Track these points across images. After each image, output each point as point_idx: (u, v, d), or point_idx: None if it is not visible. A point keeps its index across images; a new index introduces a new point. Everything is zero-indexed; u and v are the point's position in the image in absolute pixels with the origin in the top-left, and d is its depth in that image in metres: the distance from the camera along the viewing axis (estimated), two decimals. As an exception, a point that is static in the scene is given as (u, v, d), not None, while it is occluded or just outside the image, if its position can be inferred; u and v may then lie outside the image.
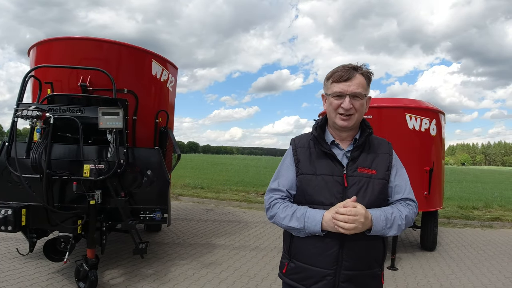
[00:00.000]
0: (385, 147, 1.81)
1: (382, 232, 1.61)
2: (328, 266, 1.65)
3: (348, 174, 1.69)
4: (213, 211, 9.64)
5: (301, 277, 1.72)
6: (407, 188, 1.76)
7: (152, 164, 4.62)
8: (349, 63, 1.75)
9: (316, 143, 1.77)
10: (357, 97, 1.68)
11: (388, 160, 1.76)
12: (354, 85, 1.67)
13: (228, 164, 35.39)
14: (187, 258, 5.39)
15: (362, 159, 1.73)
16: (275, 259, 5.65)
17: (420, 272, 5.38)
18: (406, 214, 1.68)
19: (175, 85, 5.78)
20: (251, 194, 13.17)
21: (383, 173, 1.72)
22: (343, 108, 1.68)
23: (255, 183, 16.87)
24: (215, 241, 6.52)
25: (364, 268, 1.68)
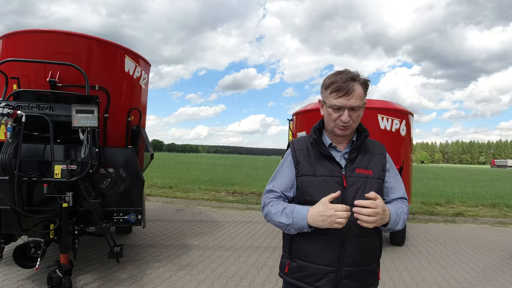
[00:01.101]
0: (379, 149, 1.89)
1: (393, 226, 1.68)
2: (330, 263, 1.70)
3: (346, 174, 1.75)
4: (184, 211, 9.46)
5: (303, 275, 1.76)
6: (402, 188, 1.87)
7: (125, 164, 4.46)
8: (345, 70, 1.76)
9: (315, 145, 1.82)
10: (355, 109, 1.72)
11: (383, 161, 1.84)
12: (353, 99, 1.69)
13: (196, 163, 35.03)
14: (162, 260, 5.24)
15: (359, 160, 1.79)
16: (251, 258, 5.62)
17: (392, 267, 5.53)
18: (406, 209, 1.79)
19: (147, 82, 5.59)
20: (221, 193, 13.07)
21: (379, 173, 1.80)
22: (342, 120, 1.71)
23: (224, 182, 16.79)
24: (189, 241, 6.40)
25: (364, 265, 1.74)
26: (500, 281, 4.96)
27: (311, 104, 7.07)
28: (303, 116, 6.91)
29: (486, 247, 6.86)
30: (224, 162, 41.58)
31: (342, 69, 1.78)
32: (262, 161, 56.29)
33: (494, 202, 11.50)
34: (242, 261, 5.47)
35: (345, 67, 1.81)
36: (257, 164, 41.49)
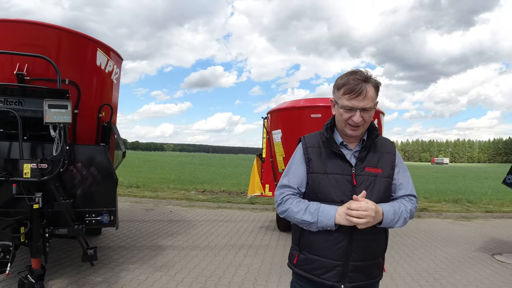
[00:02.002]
0: (389, 146, 1.90)
1: (391, 224, 1.73)
2: (338, 257, 1.76)
3: (356, 173, 1.78)
4: (154, 211, 9.22)
5: (312, 267, 1.81)
6: (410, 185, 1.88)
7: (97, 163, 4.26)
8: (357, 70, 1.77)
9: (327, 144, 1.84)
10: (367, 110, 1.74)
11: (392, 159, 1.86)
12: (366, 101, 1.71)
13: (162, 162, 34.33)
14: (136, 262, 5.06)
15: (369, 158, 1.83)
16: (228, 257, 5.55)
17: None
18: (410, 208, 1.81)
19: (119, 77, 5.37)
20: (191, 192, 12.89)
21: (388, 171, 1.83)
22: (353, 121, 1.74)
23: (193, 181, 16.58)
24: (162, 242, 6.23)
25: (370, 259, 1.81)
26: (469, 272, 5.19)
27: (286, 103, 7.09)
28: (278, 114, 6.91)
29: (452, 240, 7.17)
30: (191, 161, 41.05)
31: (354, 69, 1.79)
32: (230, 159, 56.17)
33: (456, 198, 12.07)
34: (219, 260, 5.39)
35: (311, 67, 1.88)
36: (225, 163, 41.34)
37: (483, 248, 6.56)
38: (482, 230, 8.17)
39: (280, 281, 4.68)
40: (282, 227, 7.63)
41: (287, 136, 6.62)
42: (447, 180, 22.33)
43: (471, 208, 10.81)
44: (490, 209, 10.52)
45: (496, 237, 7.47)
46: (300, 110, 6.46)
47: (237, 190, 14.07)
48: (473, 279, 4.91)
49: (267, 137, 7.34)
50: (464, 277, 4.99)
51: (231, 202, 11.13)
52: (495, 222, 9.27)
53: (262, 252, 5.98)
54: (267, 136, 7.33)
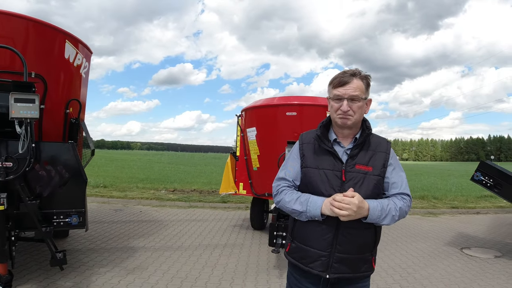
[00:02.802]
0: (383, 146, 1.95)
1: (377, 220, 1.79)
2: (324, 248, 1.84)
3: (346, 170, 1.85)
4: (123, 211, 8.92)
5: (300, 256, 1.92)
6: (403, 184, 1.92)
7: (65, 161, 4.04)
8: (349, 68, 1.91)
9: (319, 141, 1.93)
10: (355, 99, 1.82)
11: (385, 158, 1.91)
12: (351, 89, 1.82)
13: (130, 160, 33.41)
14: (107, 265, 4.83)
15: (360, 156, 1.89)
16: (203, 257, 5.43)
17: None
18: (400, 206, 1.84)
19: (88, 71, 5.11)
20: (161, 192, 12.61)
21: (379, 170, 1.88)
22: (341, 110, 1.84)
23: (162, 180, 16.22)
24: (134, 243, 6.01)
25: (355, 253, 1.85)
26: (440, 266, 5.36)
27: (261, 100, 7.03)
28: (253, 112, 6.84)
29: (421, 235, 7.39)
30: (159, 160, 40.23)
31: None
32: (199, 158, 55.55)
33: (423, 195, 12.49)
34: (193, 261, 5.26)
35: (280, 67, 1.88)
36: (195, 161, 40.82)
37: (451, 243, 6.80)
38: (449, 225, 8.48)
39: (257, 280, 4.62)
40: (256, 226, 7.59)
41: (262, 134, 6.57)
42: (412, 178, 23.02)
43: (437, 204, 11.22)
44: (455, 205, 10.96)
45: (463, 232, 7.78)
46: (275, 108, 6.42)
47: (208, 189, 13.90)
48: (445, 273, 5.06)
49: (241, 135, 7.25)
50: (436, 271, 5.14)
51: (203, 201, 10.98)
52: (461, 218, 9.67)
53: (237, 251, 5.91)
54: (241, 134, 7.25)
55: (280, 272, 4.97)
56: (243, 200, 10.97)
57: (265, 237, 6.91)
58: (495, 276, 4.95)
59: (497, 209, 10.70)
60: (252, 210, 7.63)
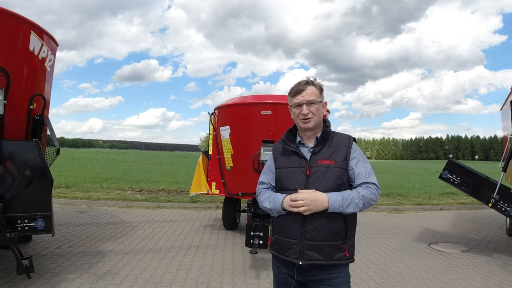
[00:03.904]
0: (345, 141, 2.14)
1: (340, 209, 1.96)
2: (294, 236, 2.03)
3: (310, 165, 2.07)
4: (88, 213, 8.53)
5: (278, 247, 2.13)
6: (367, 174, 2.09)
7: (30, 161, 3.77)
8: (304, 78, 2.18)
9: (284, 144, 2.19)
10: (312, 103, 2.10)
11: (346, 152, 2.10)
12: (307, 95, 2.10)
13: (92, 159, 32.17)
14: (75, 271, 4.56)
15: (323, 152, 2.10)
16: (176, 260, 5.26)
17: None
18: (363, 194, 2.00)
19: (53, 65, 4.80)
20: (127, 192, 12.20)
21: (340, 162, 2.07)
22: (302, 114, 2.10)
23: (128, 179, 15.71)
24: (102, 247, 5.73)
25: (323, 240, 1.99)
26: (411, 262, 5.50)
27: (234, 99, 6.92)
28: (226, 110, 6.72)
29: (390, 232, 7.58)
30: (124, 158, 39.02)
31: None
32: (165, 157, 54.37)
33: (388, 192, 12.86)
34: (166, 264, 5.08)
35: (247, 66, 1.89)
36: (161, 160, 39.95)
37: (419, 238, 7.02)
38: (415, 222, 8.77)
39: (234, 282, 4.53)
40: (228, 226, 7.48)
41: (236, 132, 6.47)
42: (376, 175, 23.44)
43: (402, 201, 11.59)
44: (419, 202, 11.37)
45: (429, 228, 8.06)
46: (250, 107, 6.34)
47: (176, 188, 13.61)
48: (416, 268, 5.20)
49: (214, 134, 7.11)
50: (408, 266, 5.27)
51: (172, 201, 10.73)
52: (425, 214, 10.02)
53: (211, 252, 5.78)
54: (214, 133, 7.10)
55: (257, 272, 4.90)
56: (213, 199, 10.82)
57: (238, 237, 6.83)
58: (464, 270, 5.14)
59: (459, 205, 11.20)
60: (224, 209, 7.51)
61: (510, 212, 5.25)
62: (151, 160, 38.55)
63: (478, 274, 4.98)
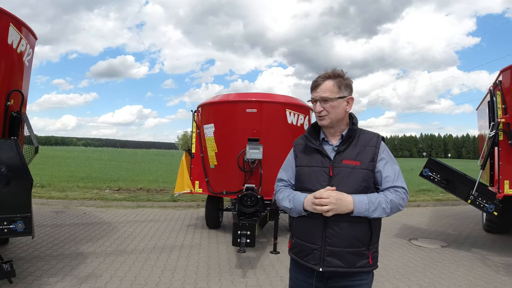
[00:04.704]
0: (373, 141, 1.99)
1: (366, 214, 1.82)
2: (315, 241, 1.91)
3: (334, 165, 1.94)
4: (65, 213, 8.26)
5: (297, 250, 2.02)
6: (396, 177, 1.94)
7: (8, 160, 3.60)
8: (326, 71, 2.01)
9: (307, 141, 2.06)
10: (326, 100, 1.95)
11: (374, 152, 1.95)
12: (321, 91, 1.96)
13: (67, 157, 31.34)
14: (56, 274, 4.38)
15: (348, 152, 1.95)
16: (161, 261, 5.16)
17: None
18: (392, 198, 1.87)
19: (32, 60, 4.59)
20: (105, 191, 11.91)
21: (367, 164, 1.93)
22: (316, 111, 2.00)
23: (105, 178, 15.34)
24: (82, 249, 5.55)
25: (346, 246, 1.87)
26: (394, 257, 5.63)
27: (218, 96, 6.86)
28: (211, 108, 6.65)
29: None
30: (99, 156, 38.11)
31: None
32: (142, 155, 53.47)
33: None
34: (151, 265, 4.97)
35: (225, 63, 1.85)
36: (138, 158, 39.25)
37: (399, 234, 7.16)
38: (394, 218, 8.90)
39: (221, 282, 4.48)
40: (211, 225, 7.40)
41: (221, 130, 6.41)
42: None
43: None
44: (397, 199, 11.57)
45: (407, 224, 8.24)
46: (235, 105, 6.30)
47: (156, 187, 13.40)
48: (399, 263, 5.30)
49: (197, 132, 7.01)
50: (391, 262, 5.36)
51: (151, 200, 10.55)
52: (403, 211, 10.13)
53: (196, 252, 5.71)
54: (197, 131, 7.01)
55: (243, 271, 4.87)
56: (194, 198, 10.70)
57: (222, 236, 6.77)
58: (445, 265, 5.28)
59: (435, 202, 11.51)
60: (207, 208, 7.42)
61: (488, 209, 5.43)
62: (128, 158, 37.81)
63: (459, 268, 5.12)
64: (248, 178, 6.06)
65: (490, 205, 5.40)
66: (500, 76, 5.62)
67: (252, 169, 6.02)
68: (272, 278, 4.68)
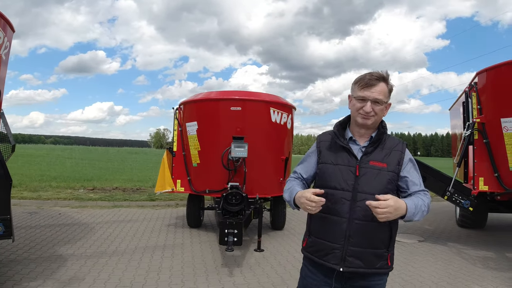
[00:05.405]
0: (399, 146, 2.01)
1: (412, 217, 1.81)
2: (337, 241, 1.90)
3: (360, 165, 1.92)
4: (39, 214, 7.96)
5: (315, 249, 1.99)
6: (421, 181, 2.00)
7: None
8: (376, 71, 1.97)
9: (335, 137, 2.02)
10: (378, 102, 1.92)
11: (400, 157, 1.97)
12: (376, 92, 1.91)
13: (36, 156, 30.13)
14: (36, 277, 4.21)
15: (375, 154, 1.96)
16: (144, 261, 5.07)
17: (284, 250, 5.84)
18: (428, 202, 1.90)
19: (9, 53, 4.38)
20: (79, 191, 11.59)
21: (394, 167, 1.94)
22: (364, 110, 1.93)
23: (78, 178, 14.90)
24: (61, 251, 5.36)
25: (368, 247, 1.89)
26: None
27: (201, 94, 6.79)
28: (194, 106, 6.57)
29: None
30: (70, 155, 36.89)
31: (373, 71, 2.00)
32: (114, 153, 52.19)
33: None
34: (134, 266, 4.87)
35: (200, 60, 1.83)
36: (110, 157, 38.29)
37: (379, 231, 7.33)
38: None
39: (209, 281, 4.45)
40: (192, 224, 7.32)
41: (204, 128, 6.35)
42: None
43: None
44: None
45: (385, 220, 8.44)
46: (219, 102, 6.25)
47: (132, 186, 13.16)
48: (381, 261, 5.42)
49: (179, 130, 6.91)
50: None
51: (128, 199, 10.36)
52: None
53: (179, 252, 5.64)
54: (179, 129, 6.91)
55: (230, 269, 4.86)
56: (172, 197, 10.57)
57: (204, 235, 6.73)
58: (424, 258, 5.47)
59: (410, 198, 11.86)
60: (189, 207, 7.33)
61: (464, 204, 5.65)
62: (100, 157, 36.83)
63: (437, 261, 5.31)
64: (232, 176, 6.04)
65: (466, 201, 5.63)
66: (476, 78, 5.85)
67: (236, 168, 6.00)
68: (259, 276, 4.69)
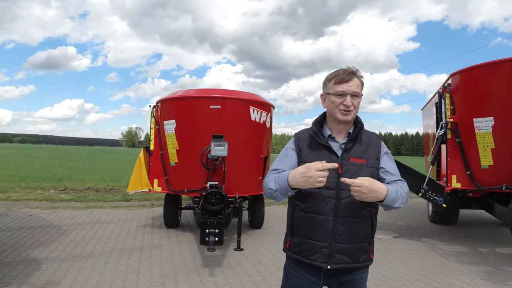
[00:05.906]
0: (375, 140, 2.07)
1: (391, 203, 1.85)
2: (324, 239, 1.90)
3: (342, 163, 1.95)
4: (8, 216, 7.62)
5: (301, 249, 1.97)
6: (397, 172, 2.06)
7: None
8: (346, 67, 2.03)
9: (315, 136, 2.02)
10: (356, 96, 1.97)
11: (377, 151, 2.03)
12: (354, 86, 1.96)
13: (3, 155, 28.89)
14: (10, 283, 4.02)
15: (354, 150, 1.99)
16: (121, 264, 4.95)
17: (263, 249, 5.87)
18: (406, 191, 1.96)
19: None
20: (50, 191, 11.20)
21: (373, 162, 1.99)
22: (344, 105, 1.94)
23: (48, 178, 14.41)
24: (34, 254, 5.15)
25: (354, 242, 1.93)
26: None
27: (179, 92, 6.69)
28: (172, 104, 6.47)
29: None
30: (39, 154, 35.52)
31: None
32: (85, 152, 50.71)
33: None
34: (112, 269, 4.75)
35: (173, 58, 1.86)
36: (81, 156, 37.14)
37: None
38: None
39: (190, 282, 4.40)
40: (169, 224, 7.21)
41: (183, 127, 6.26)
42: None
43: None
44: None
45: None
46: (198, 100, 6.18)
47: (105, 186, 12.84)
48: (360, 257, 5.53)
49: (156, 128, 6.79)
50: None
51: (102, 200, 10.13)
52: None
53: (157, 253, 5.54)
54: (157, 127, 6.79)
55: (211, 270, 4.82)
56: (147, 197, 10.40)
57: (182, 236, 6.65)
58: (400, 253, 5.64)
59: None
60: (166, 207, 7.22)
61: (438, 201, 5.84)
62: (70, 156, 35.65)
63: (413, 257, 5.48)
64: (211, 175, 6.00)
65: (440, 198, 5.82)
66: (449, 80, 6.05)
67: (216, 167, 5.96)
68: (240, 275, 4.68)
